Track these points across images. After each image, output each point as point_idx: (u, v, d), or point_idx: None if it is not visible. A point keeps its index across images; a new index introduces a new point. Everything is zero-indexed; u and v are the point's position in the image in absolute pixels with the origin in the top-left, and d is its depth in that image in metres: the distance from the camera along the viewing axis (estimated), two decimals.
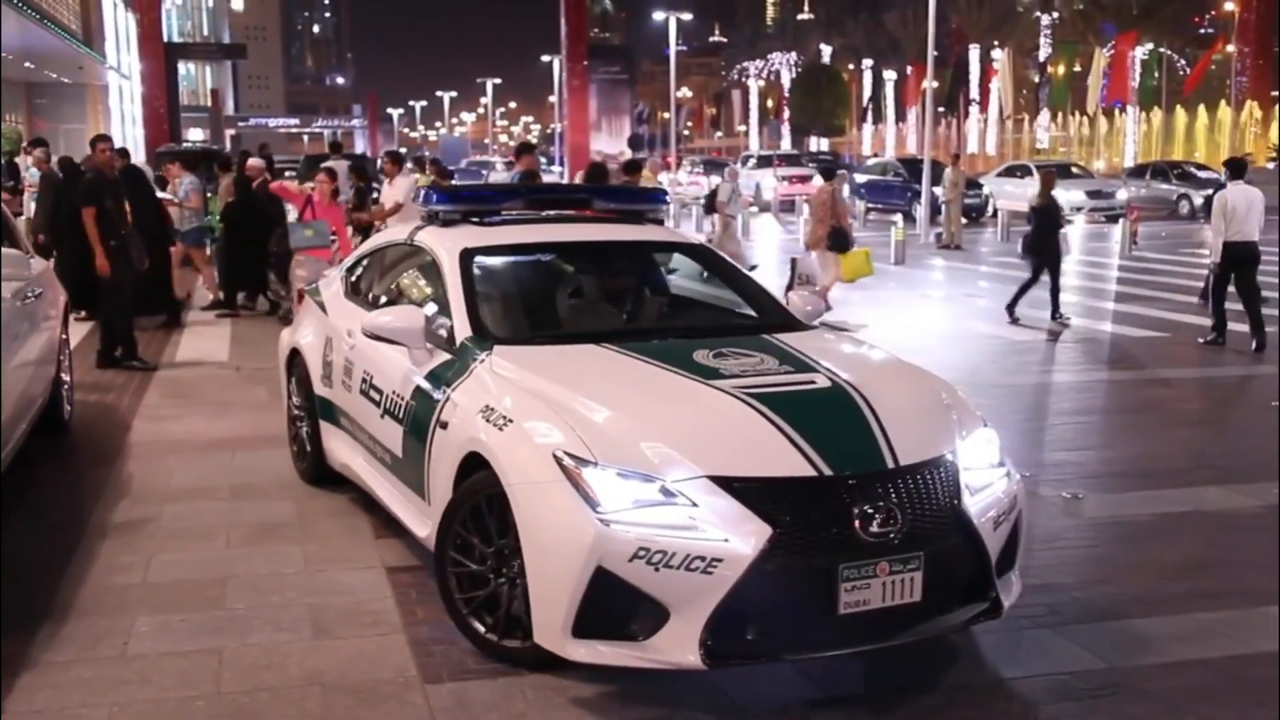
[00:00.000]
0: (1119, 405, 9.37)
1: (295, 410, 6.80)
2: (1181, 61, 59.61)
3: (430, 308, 5.32)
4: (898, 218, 23.43)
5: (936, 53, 28.15)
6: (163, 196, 13.78)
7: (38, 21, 30.92)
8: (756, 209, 33.13)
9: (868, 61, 75.22)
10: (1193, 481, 6.85)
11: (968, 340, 12.16)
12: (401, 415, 5.14)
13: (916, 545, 3.94)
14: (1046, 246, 12.86)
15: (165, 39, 43.35)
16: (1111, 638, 4.58)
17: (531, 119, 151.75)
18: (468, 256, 5.39)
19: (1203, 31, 70.33)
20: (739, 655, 3.90)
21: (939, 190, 24.79)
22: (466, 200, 6.10)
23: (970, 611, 4.17)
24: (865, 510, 3.88)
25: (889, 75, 70.99)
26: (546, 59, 72.09)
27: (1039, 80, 62.42)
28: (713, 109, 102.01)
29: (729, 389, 4.31)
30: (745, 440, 4.06)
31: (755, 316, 5.62)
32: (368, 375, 5.61)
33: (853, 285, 13.97)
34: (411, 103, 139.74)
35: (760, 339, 5.02)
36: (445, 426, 4.66)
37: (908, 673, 4.27)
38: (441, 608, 4.46)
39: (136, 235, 10.09)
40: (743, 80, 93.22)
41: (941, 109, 54.76)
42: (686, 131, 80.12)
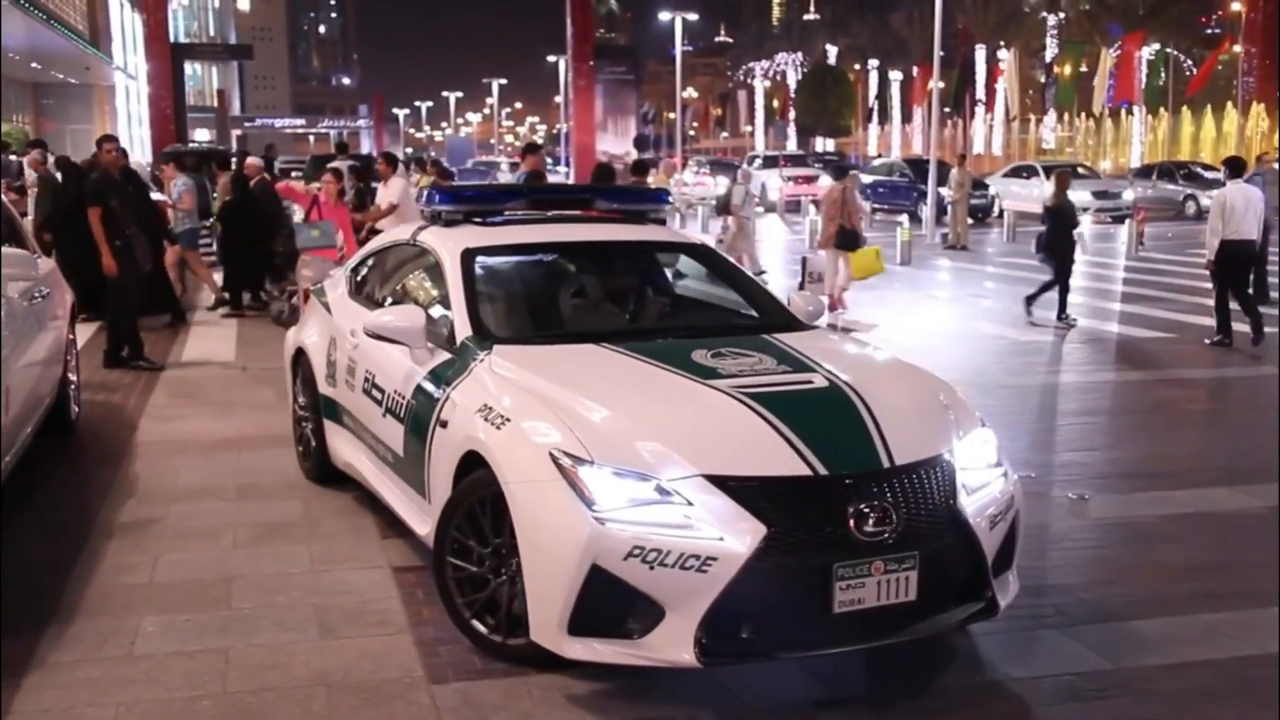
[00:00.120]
0: (1125, 406, 9.37)
1: (300, 410, 6.82)
2: (1188, 62, 59.47)
3: (434, 308, 5.33)
4: (904, 218, 23.42)
5: (942, 53, 28.14)
6: (158, 198, 13.78)
7: (44, 22, 31.02)
8: (762, 209, 33.09)
9: (873, 62, 75.13)
10: (1199, 482, 6.85)
11: (974, 341, 12.16)
12: (403, 414, 5.16)
13: (912, 544, 3.95)
14: (1060, 246, 12.78)
15: (171, 39, 43.46)
16: (1117, 639, 4.59)
17: (537, 119, 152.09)
18: (469, 256, 5.41)
19: (1209, 32, 70.06)
20: (733, 653, 3.91)
21: (945, 191, 24.76)
22: (469, 200, 6.12)
23: (966, 611, 4.17)
24: (860, 509, 3.89)
25: (895, 75, 70.93)
26: (552, 59, 72.32)
27: (1045, 80, 62.29)
28: (718, 109, 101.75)
29: (726, 389, 4.33)
30: (741, 439, 4.07)
31: (756, 316, 5.63)
32: (370, 374, 5.63)
33: (861, 285, 13.99)
34: (417, 103, 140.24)
35: (760, 339, 5.03)
36: (445, 425, 4.68)
37: (914, 673, 4.27)
38: None
39: (141, 235, 10.12)
40: (748, 80, 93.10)
41: (947, 109, 54.68)
42: (692, 132, 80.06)
